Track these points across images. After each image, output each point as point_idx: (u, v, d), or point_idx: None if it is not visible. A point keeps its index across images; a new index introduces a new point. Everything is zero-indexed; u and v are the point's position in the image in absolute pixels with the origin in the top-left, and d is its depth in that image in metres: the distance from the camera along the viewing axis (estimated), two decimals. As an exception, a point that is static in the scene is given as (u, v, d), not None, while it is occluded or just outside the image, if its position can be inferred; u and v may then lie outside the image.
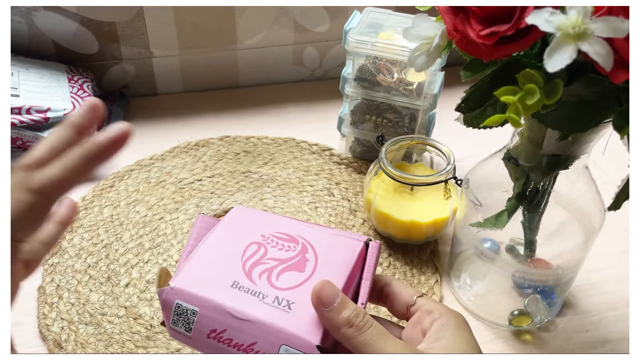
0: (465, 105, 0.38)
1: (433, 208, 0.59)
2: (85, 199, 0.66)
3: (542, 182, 0.44)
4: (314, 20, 0.83)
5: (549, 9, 0.30)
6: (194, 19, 0.79)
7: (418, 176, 0.57)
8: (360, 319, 0.34)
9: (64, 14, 0.75)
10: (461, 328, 0.36)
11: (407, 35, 0.39)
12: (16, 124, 0.64)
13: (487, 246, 0.51)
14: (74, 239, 0.61)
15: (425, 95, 0.64)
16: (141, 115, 0.81)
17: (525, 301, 0.53)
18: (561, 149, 0.41)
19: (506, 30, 0.32)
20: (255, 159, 0.73)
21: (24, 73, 0.71)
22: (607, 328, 0.54)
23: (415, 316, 0.38)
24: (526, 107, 0.32)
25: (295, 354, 0.33)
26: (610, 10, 0.29)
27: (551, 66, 0.30)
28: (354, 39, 0.62)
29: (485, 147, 0.52)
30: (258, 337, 0.34)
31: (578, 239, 0.48)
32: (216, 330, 0.35)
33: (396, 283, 0.40)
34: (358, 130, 0.70)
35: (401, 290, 0.40)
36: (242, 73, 0.86)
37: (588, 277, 0.58)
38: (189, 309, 0.35)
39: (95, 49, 0.79)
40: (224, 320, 0.34)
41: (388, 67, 0.64)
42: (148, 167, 0.71)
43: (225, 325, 0.34)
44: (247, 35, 0.83)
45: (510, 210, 0.45)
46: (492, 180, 0.48)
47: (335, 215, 0.65)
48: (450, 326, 0.36)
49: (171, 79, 0.85)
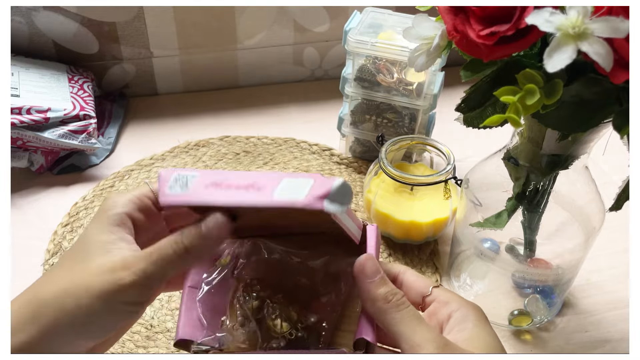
0: (465, 105, 0.38)
1: (433, 208, 0.59)
2: (86, 199, 0.66)
3: (542, 182, 0.44)
4: (314, 20, 0.83)
5: (549, 9, 0.30)
6: (194, 19, 0.79)
7: (418, 176, 0.57)
8: (398, 297, 0.34)
9: (64, 14, 0.75)
10: (481, 319, 0.36)
11: (407, 35, 0.39)
12: (16, 124, 0.64)
13: (487, 246, 0.51)
14: (74, 239, 0.61)
15: (425, 95, 0.64)
16: (141, 115, 0.81)
17: (525, 301, 0.53)
18: (561, 149, 0.41)
19: (506, 30, 0.32)
20: (255, 159, 0.73)
21: (24, 73, 0.71)
22: (607, 328, 0.54)
23: (432, 307, 0.37)
24: (526, 107, 0.32)
25: (298, 181, 0.32)
26: (610, 10, 0.29)
27: (551, 66, 0.30)
28: (354, 39, 0.62)
29: (485, 147, 0.52)
30: (257, 177, 0.33)
31: (578, 239, 0.48)
32: (215, 181, 0.33)
33: (411, 272, 0.39)
34: (358, 130, 0.70)
35: (416, 279, 0.39)
36: (242, 73, 0.86)
37: (588, 277, 0.58)
38: (188, 174, 0.34)
39: (95, 49, 0.79)
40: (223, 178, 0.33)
41: (388, 67, 0.64)
42: (148, 167, 0.71)
43: (224, 178, 0.33)
44: (247, 35, 0.83)
45: (510, 210, 0.45)
46: (492, 180, 0.48)
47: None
48: (471, 317, 0.35)
49: (171, 79, 0.85)
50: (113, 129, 0.77)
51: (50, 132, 0.66)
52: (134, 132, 0.78)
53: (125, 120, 0.80)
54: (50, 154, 0.69)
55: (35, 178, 0.69)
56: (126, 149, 0.75)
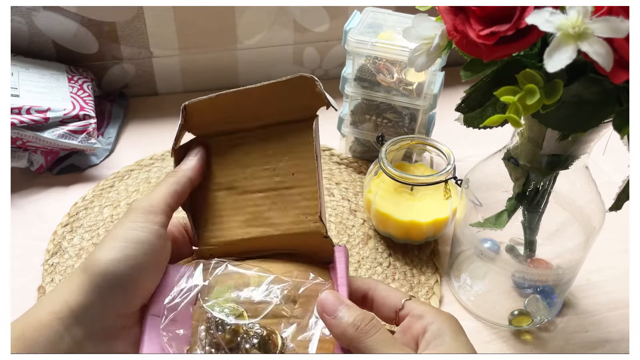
0: (465, 105, 0.38)
1: (433, 208, 0.59)
2: (85, 199, 0.66)
3: (542, 182, 0.44)
4: (314, 20, 0.83)
5: (549, 9, 0.30)
6: (194, 19, 0.79)
7: (418, 176, 0.57)
8: (366, 322, 0.33)
9: (64, 14, 0.75)
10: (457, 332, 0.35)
11: (407, 35, 0.39)
12: (16, 124, 0.64)
13: (487, 246, 0.51)
14: (74, 239, 0.61)
15: (425, 95, 0.64)
16: (141, 115, 0.81)
17: (525, 301, 0.53)
18: (561, 149, 0.41)
19: (506, 30, 0.31)
20: (255, 159, 0.73)
21: (24, 73, 0.71)
22: (607, 328, 0.54)
23: (406, 321, 0.37)
24: (526, 107, 0.32)
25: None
26: (610, 10, 0.29)
27: (551, 66, 0.30)
28: (354, 39, 0.62)
29: (485, 147, 0.52)
30: None
31: (578, 239, 0.48)
32: None
33: (382, 287, 0.39)
34: (358, 130, 0.69)
35: (388, 294, 0.38)
36: (242, 73, 0.86)
37: (588, 277, 0.58)
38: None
39: (95, 49, 0.79)
40: None
41: (388, 67, 0.64)
42: (148, 167, 0.71)
43: None
44: (247, 35, 0.83)
45: (510, 210, 0.45)
46: (492, 180, 0.48)
47: (335, 215, 0.65)
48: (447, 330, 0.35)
49: (171, 79, 0.84)
50: (113, 129, 0.77)
51: (50, 132, 0.66)
52: (134, 132, 0.78)
53: (125, 120, 0.80)
54: (50, 154, 0.69)
55: (35, 178, 0.69)
56: (126, 149, 0.75)
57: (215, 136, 0.43)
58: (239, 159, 0.43)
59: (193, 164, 0.42)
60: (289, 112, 0.42)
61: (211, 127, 0.43)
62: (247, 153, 0.43)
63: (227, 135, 0.43)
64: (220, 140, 0.43)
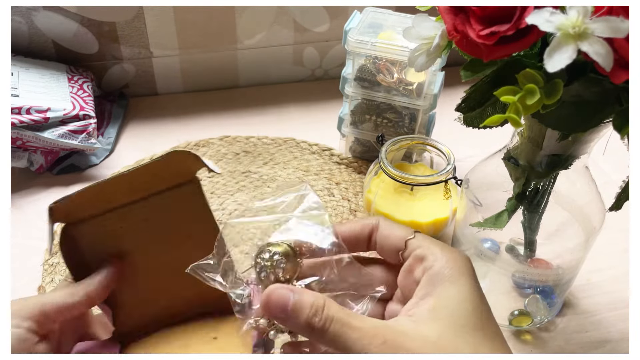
0: (465, 105, 0.38)
1: (433, 208, 0.59)
2: (85, 199, 0.66)
3: (542, 182, 0.44)
4: (314, 20, 0.83)
5: (549, 9, 0.30)
6: (194, 19, 0.79)
7: (418, 176, 0.57)
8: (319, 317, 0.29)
9: (64, 14, 0.75)
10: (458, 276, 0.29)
11: (407, 35, 0.39)
12: (16, 124, 0.64)
13: (487, 246, 0.51)
14: (74, 239, 0.61)
15: (425, 95, 0.64)
16: (141, 115, 0.81)
17: (525, 301, 0.53)
18: (561, 149, 0.41)
19: (506, 30, 0.31)
20: (255, 159, 0.73)
21: (24, 73, 0.71)
22: (607, 328, 0.54)
23: (407, 264, 0.32)
24: (526, 107, 0.32)
25: None
26: (610, 10, 0.29)
27: (551, 66, 0.30)
28: (354, 39, 0.62)
29: (485, 147, 0.52)
30: None
31: (578, 239, 0.48)
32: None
33: (384, 225, 0.33)
34: (358, 130, 0.70)
35: (389, 233, 0.33)
36: (242, 73, 0.86)
37: (588, 277, 0.58)
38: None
39: (95, 49, 0.79)
40: None
41: (388, 67, 0.64)
42: (148, 167, 0.71)
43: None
44: (247, 35, 0.83)
45: (510, 210, 0.45)
46: (492, 180, 0.48)
47: (335, 215, 0.65)
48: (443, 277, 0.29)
49: (171, 79, 0.84)
50: (113, 129, 0.77)
51: (50, 132, 0.66)
52: (134, 132, 0.78)
53: (125, 120, 0.80)
54: (50, 154, 0.69)
55: (35, 178, 0.69)
56: (126, 149, 0.75)
57: (91, 219, 0.41)
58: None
59: (97, 281, 0.39)
60: (168, 180, 0.42)
61: (83, 212, 0.41)
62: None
63: (101, 216, 0.41)
64: (96, 222, 0.41)
